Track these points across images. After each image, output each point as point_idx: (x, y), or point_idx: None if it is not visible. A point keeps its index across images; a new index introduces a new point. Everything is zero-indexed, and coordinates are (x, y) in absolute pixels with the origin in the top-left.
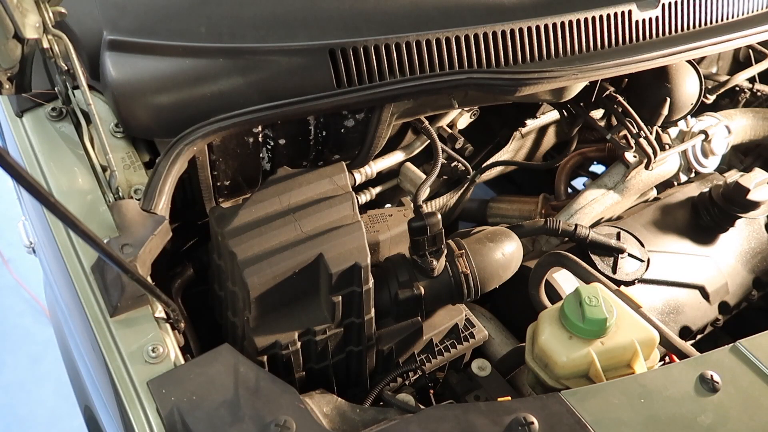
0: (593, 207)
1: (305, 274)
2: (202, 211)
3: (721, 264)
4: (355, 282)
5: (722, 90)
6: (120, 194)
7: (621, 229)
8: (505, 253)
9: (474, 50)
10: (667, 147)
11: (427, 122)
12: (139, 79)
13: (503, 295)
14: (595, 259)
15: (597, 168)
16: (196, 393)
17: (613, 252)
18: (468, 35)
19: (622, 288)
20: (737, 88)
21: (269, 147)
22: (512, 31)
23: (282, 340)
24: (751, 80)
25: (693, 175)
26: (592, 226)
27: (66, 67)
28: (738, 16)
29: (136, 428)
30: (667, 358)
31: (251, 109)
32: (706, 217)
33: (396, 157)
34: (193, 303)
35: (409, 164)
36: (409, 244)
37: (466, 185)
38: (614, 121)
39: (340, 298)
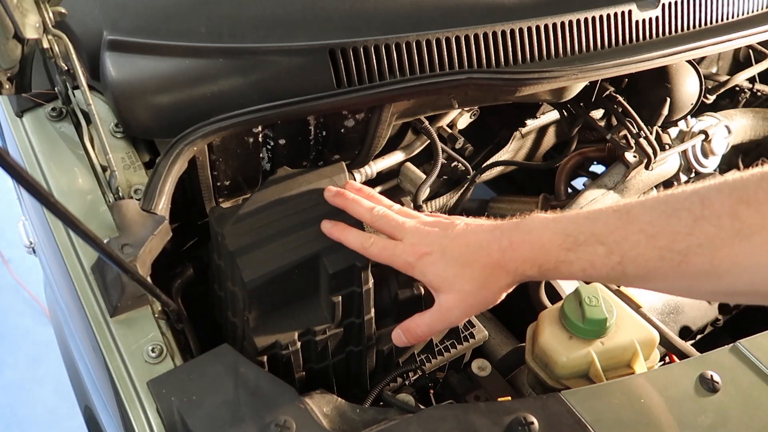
0: (593, 207)
1: (305, 274)
2: (202, 211)
3: None
4: (355, 282)
5: (722, 90)
6: (120, 194)
7: None
8: None
9: (474, 50)
10: (667, 147)
11: (427, 122)
12: (139, 79)
13: None
14: None
15: (597, 168)
16: (196, 393)
17: None
18: (468, 35)
19: (622, 288)
20: (737, 88)
21: (269, 147)
22: (512, 31)
23: (282, 340)
24: (751, 80)
25: (693, 175)
26: None
27: (66, 67)
28: (738, 16)
29: (136, 428)
30: (667, 358)
31: (251, 109)
32: None
33: (396, 157)
34: (193, 303)
35: (409, 164)
36: None
37: (466, 185)
38: (614, 121)
39: (340, 298)
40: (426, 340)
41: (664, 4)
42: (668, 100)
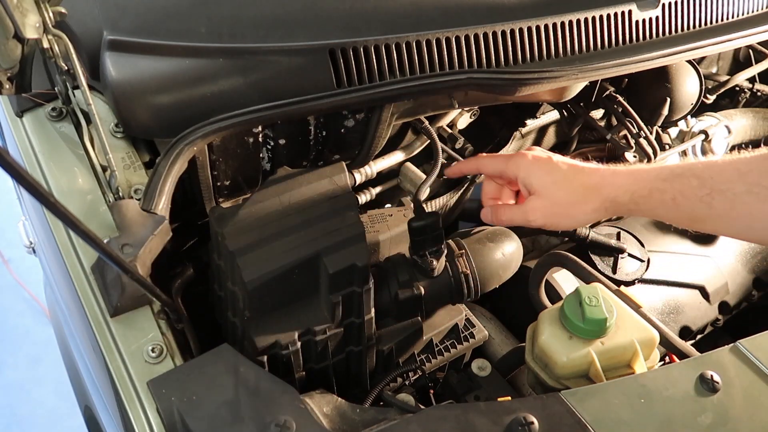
0: None
1: (305, 274)
2: (202, 211)
3: (721, 264)
4: (355, 282)
5: (722, 90)
6: (120, 194)
7: (621, 229)
8: (505, 253)
9: (474, 50)
10: (667, 147)
11: (427, 122)
12: (139, 79)
13: (503, 295)
14: (595, 259)
15: None
16: (196, 393)
17: (613, 252)
18: (468, 35)
19: (622, 288)
20: (737, 88)
21: (269, 147)
22: (512, 31)
23: (282, 340)
24: (751, 80)
25: None
26: (592, 226)
27: (66, 67)
28: (738, 16)
29: (136, 428)
30: (667, 358)
31: (251, 109)
32: None
33: (396, 157)
34: (193, 303)
35: (409, 164)
36: (409, 244)
37: (466, 185)
38: (614, 121)
39: (340, 298)
40: (501, 225)
41: (664, 4)
42: (668, 100)
